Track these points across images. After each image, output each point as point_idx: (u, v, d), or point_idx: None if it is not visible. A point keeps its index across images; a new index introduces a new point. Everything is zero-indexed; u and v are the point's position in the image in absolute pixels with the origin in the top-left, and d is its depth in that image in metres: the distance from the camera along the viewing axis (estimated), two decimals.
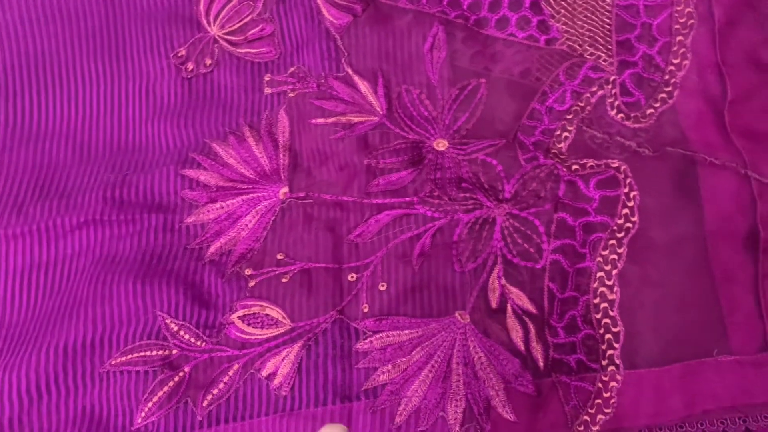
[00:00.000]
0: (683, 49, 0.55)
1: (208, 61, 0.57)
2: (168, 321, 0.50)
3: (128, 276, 0.51)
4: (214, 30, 0.57)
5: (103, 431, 0.48)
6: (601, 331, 0.50)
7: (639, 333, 0.50)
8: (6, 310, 0.51)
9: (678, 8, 0.55)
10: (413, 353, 0.50)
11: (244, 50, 0.57)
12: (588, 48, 0.55)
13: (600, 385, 0.49)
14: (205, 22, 0.58)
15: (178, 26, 0.58)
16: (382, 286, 0.51)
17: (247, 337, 0.50)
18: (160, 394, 0.49)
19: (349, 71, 0.56)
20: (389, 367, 0.49)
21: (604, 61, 0.55)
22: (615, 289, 0.50)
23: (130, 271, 0.51)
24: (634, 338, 0.50)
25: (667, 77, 0.54)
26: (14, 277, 0.51)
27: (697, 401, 0.49)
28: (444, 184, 0.53)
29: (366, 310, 0.51)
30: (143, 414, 0.48)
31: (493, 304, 0.50)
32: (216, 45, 0.57)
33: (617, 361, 0.49)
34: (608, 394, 0.49)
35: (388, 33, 0.56)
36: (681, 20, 0.55)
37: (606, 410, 0.48)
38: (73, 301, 0.51)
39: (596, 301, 0.50)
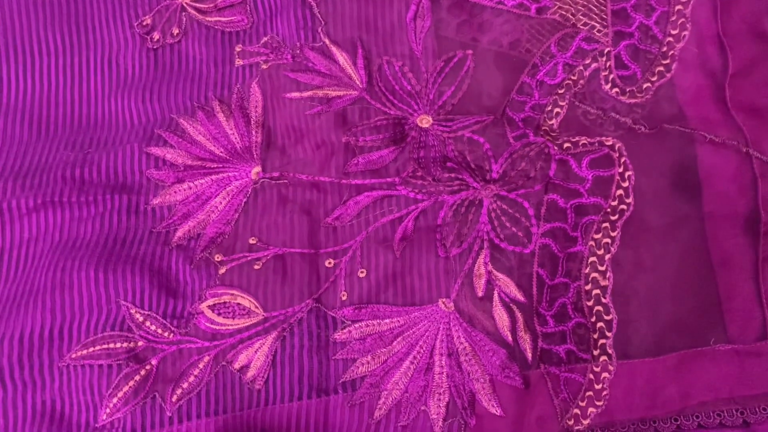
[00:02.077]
0: (682, 19, 0.51)
1: (176, 31, 0.53)
2: (133, 311, 0.47)
3: (89, 262, 0.47)
4: None
5: (65, 428, 0.46)
6: (593, 320, 0.47)
7: (632, 321, 0.47)
8: None
9: None
10: (394, 344, 0.47)
11: (213, 19, 0.53)
12: (581, 17, 0.52)
13: (591, 376, 0.46)
14: None
15: None
16: (362, 272, 0.48)
17: (217, 327, 0.47)
18: (125, 388, 0.46)
19: (326, 41, 0.52)
20: (368, 358, 0.46)
21: (599, 31, 0.52)
22: (608, 274, 0.47)
23: (91, 257, 0.48)
24: (627, 326, 0.47)
25: (665, 49, 0.51)
26: None
27: (693, 392, 0.46)
28: (428, 164, 0.50)
29: (344, 298, 0.48)
30: (108, 410, 0.45)
31: (479, 292, 0.47)
32: (184, 13, 0.54)
33: (609, 351, 0.46)
34: (600, 386, 0.46)
35: (368, 0, 0.52)
36: None
37: (597, 403, 0.46)
38: (30, 288, 0.48)
39: (588, 287, 0.47)
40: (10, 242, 0.49)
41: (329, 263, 0.48)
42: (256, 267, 0.48)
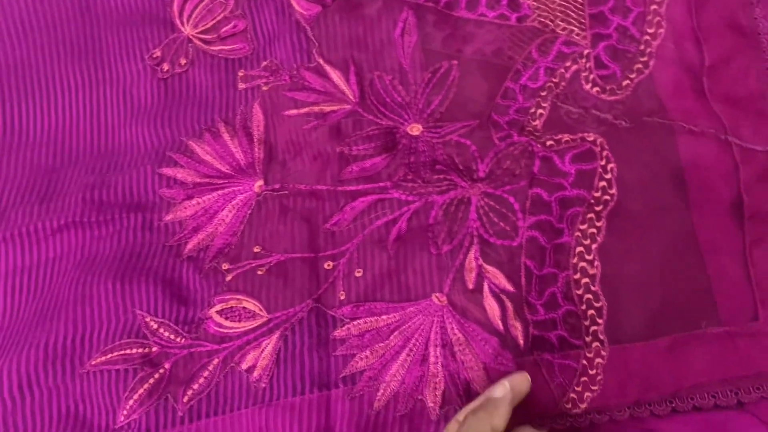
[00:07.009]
0: (658, 18, 0.53)
1: (183, 61, 0.58)
2: (147, 319, 0.50)
3: (108, 276, 0.51)
4: (187, 30, 0.58)
5: (87, 431, 0.49)
6: (583, 307, 0.48)
7: (623, 307, 0.48)
8: None
9: None
10: (391, 338, 0.49)
11: (217, 48, 0.58)
12: (560, 23, 0.54)
13: (585, 362, 0.47)
14: (178, 22, 0.58)
15: (153, 28, 0.58)
16: (358, 272, 0.50)
17: (225, 331, 0.50)
18: (140, 391, 0.48)
19: (320, 61, 0.56)
20: (367, 353, 0.49)
21: (578, 35, 0.54)
22: (595, 263, 0.49)
23: (109, 271, 0.51)
24: (618, 313, 0.48)
25: (642, 47, 0.53)
26: None
27: (686, 375, 0.47)
28: (418, 168, 0.52)
29: (342, 297, 0.50)
30: (125, 412, 0.48)
31: (470, 285, 0.49)
32: (190, 44, 0.58)
33: (601, 337, 0.48)
34: (594, 372, 0.47)
35: (358, 21, 0.56)
36: None
37: (593, 387, 0.47)
38: (55, 303, 0.51)
39: (576, 276, 0.49)
40: (37, 261, 0.53)
41: (328, 265, 0.51)
42: (259, 273, 0.51)
